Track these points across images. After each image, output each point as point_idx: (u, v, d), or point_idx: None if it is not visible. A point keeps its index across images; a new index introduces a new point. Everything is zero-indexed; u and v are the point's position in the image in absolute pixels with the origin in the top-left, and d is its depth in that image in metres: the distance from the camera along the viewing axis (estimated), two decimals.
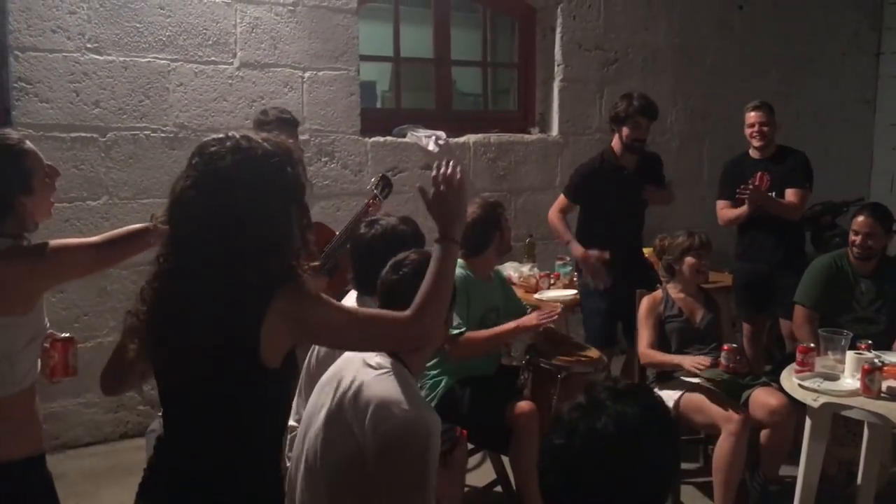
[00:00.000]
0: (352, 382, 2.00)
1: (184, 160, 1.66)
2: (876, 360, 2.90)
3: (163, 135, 4.22)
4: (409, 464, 1.90)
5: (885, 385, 2.82)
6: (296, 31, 4.54)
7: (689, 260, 3.67)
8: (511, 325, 3.31)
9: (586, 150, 5.37)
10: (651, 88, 5.77)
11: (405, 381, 2.00)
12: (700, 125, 6.04)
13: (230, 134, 1.60)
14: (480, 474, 3.65)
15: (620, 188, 4.17)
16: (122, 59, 4.09)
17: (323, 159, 4.67)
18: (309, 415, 2.11)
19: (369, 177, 4.73)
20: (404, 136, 4.98)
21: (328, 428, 1.99)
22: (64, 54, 3.96)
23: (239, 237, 1.53)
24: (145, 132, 4.18)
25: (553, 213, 4.29)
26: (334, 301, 1.66)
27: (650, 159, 4.35)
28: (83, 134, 4.03)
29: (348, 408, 1.96)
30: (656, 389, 3.61)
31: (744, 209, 4.26)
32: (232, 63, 4.38)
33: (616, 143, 4.21)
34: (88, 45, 4.01)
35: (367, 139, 4.82)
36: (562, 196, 4.31)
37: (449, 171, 1.80)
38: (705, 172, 5.97)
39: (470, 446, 3.25)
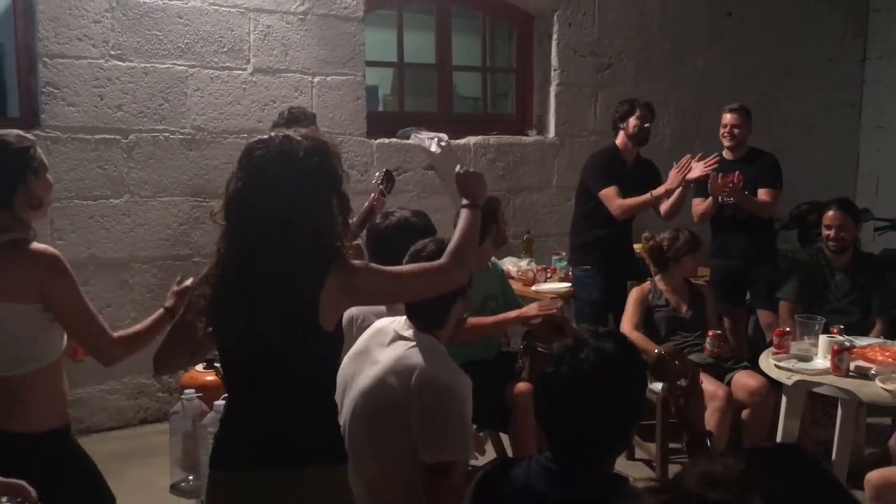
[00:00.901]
0: (392, 353, 2.25)
1: (201, 160, 1.92)
2: (845, 342, 3.15)
3: (181, 136, 4.47)
4: (450, 424, 2.15)
5: (853, 365, 3.07)
6: (305, 39, 4.79)
7: (689, 260, 3.92)
8: (513, 313, 3.57)
9: (582, 151, 5.61)
10: (644, 92, 6.01)
11: (439, 350, 2.27)
12: (691, 127, 6.28)
13: (273, 135, 1.83)
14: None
15: (623, 180, 4.42)
16: (143, 65, 4.35)
17: None
18: (345, 378, 2.34)
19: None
20: (408, 137, 5.23)
21: (369, 395, 2.22)
22: (89, 61, 4.21)
23: (288, 227, 1.76)
24: (164, 134, 4.43)
25: (619, 203, 4.33)
26: (378, 266, 1.92)
27: (646, 162, 4.62)
28: (106, 136, 4.28)
29: (392, 375, 2.21)
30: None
31: (710, 202, 4.50)
32: (246, 69, 4.63)
33: (620, 139, 4.48)
34: (112, 53, 4.26)
35: (372, 141, 5.08)
36: (609, 190, 4.35)
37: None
38: None
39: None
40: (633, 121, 4.38)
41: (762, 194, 4.51)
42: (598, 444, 1.58)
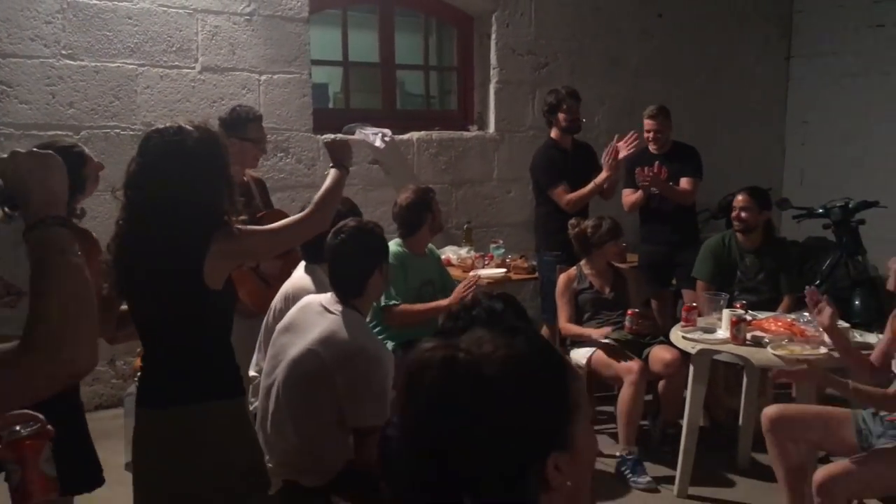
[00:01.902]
0: (319, 325, 2.51)
1: None
2: (746, 316, 3.48)
3: (131, 133, 4.65)
4: (375, 391, 2.41)
5: (749, 335, 3.39)
6: (252, 38, 5.00)
7: (612, 246, 4.23)
8: (445, 302, 3.85)
9: (521, 146, 5.92)
10: (579, 90, 6.31)
11: (362, 323, 2.54)
12: (625, 123, 6.55)
13: (168, 126, 2.09)
14: None
15: (568, 167, 4.79)
16: (93, 64, 4.53)
17: (279, 154, 5.14)
18: (274, 355, 2.60)
19: (321, 170, 5.22)
20: (353, 133, 5.46)
21: (298, 365, 2.48)
22: (41, 60, 4.38)
23: (176, 205, 2.02)
24: (115, 130, 4.62)
25: (568, 197, 4.71)
26: (254, 227, 2.21)
27: (583, 146, 4.96)
28: (59, 132, 4.44)
29: (319, 345, 2.46)
30: (571, 351, 4.18)
31: (640, 194, 4.84)
32: (194, 67, 4.83)
33: (555, 132, 4.84)
34: (63, 52, 4.44)
35: (318, 136, 5.30)
36: (559, 189, 4.75)
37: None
38: None
39: None
40: (561, 115, 4.71)
41: (683, 183, 4.85)
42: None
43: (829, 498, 2.65)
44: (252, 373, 3.01)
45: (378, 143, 5.43)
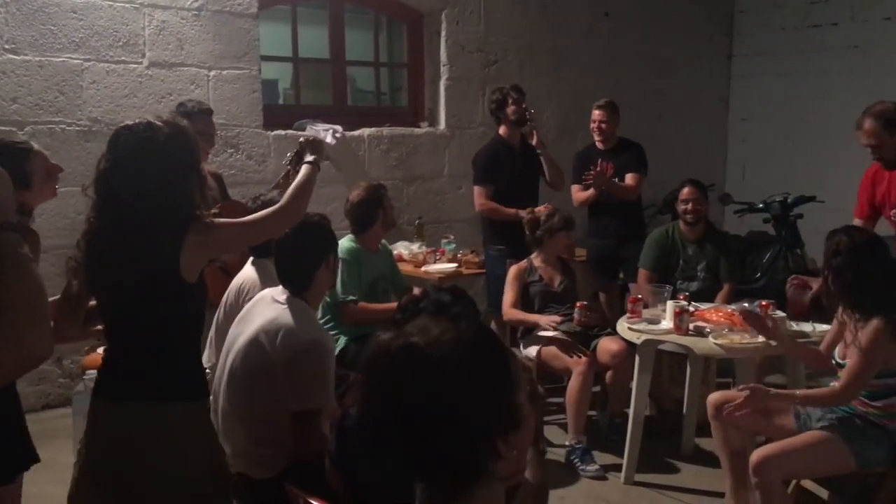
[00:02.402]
0: (265, 315, 2.54)
1: (98, 151, 2.17)
2: (688, 307, 3.59)
3: (77, 128, 4.59)
4: (315, 375, 2.44)
5: (692, 325, 3.51)
6: (201, 34, 4.97)
7: (561, 237, 4.31)
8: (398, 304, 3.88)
9: (471, 142, 5.98)
10: (528, 87, 6.38)
11: (308, 312, 2.57)
12: (573, 120, 6.71)
13: (138, 122, 2.09)
14: None
15: (514, 162, 4.86)
16: (37, 58, 4.45)
17: (228, 150, 5.12)
18: (230, 342, 2.62)
19: (272, 167, 5.22)
20: (304, 129, 5.46)
21: (244, 353, 2.51)
22: None
23: (149, 200, 2.03)
24: (61, 126, 4.55)
25: (483, 203, 4.86)
26: (228, 220, 2.19)
27: (531, 147, 5.02)
28: (2, 128, 4.36)
29: (263, 334, 2.50)
30: (521, 345, 4.26)
31: (591, 192, 4.95)
32: (141, 62, 4.78)
33: (503, 129, 4.93)
34: (6, 46, 4.35)
35: (269, 132, 5.30)
36: (480, 188, 4.90)
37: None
38: None
39: None
40: (510, 108, 4.78)
41: (628, 179, 4.97)
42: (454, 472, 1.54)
43: (765, 477, 2.76)
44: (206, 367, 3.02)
45: (329, 139, 5.43)
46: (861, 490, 2.91)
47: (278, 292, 2.62)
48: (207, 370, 2.98)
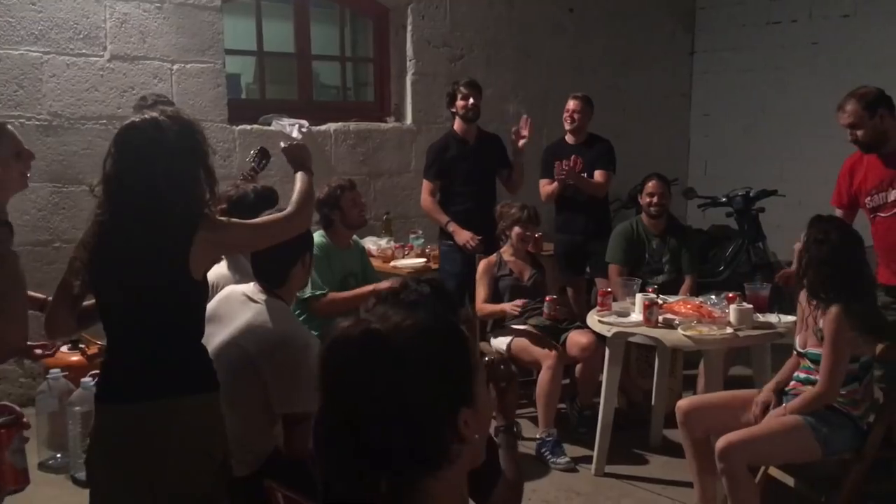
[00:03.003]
0: (243, 315, 2.49)
1: (58, 146, 2.16)
2: (656, 299, 3.63)
3: (37, 122, 4.49)
4: (302, 379, 2.39)
5: (661, 317, 3.55)
6: (163, 27, 4.89)
7: (516, 230, 4.33)
8: (368, 288, 3.87)
9: (437, 137, 5.92)
10: (494, 82, 6.46)
11: (287, 312, 2.54)
12: (539, 116, 6.69)
13: (143, 119, 2.07)
14: None
15: (468, 158, 4.83)
16: None
17: None
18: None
19: (238, 162, 5.15)
20: (269, 124, 5.41)
21: (224, 356, 2.42)
22: None
23: (160, 199, 2.03)
24: (20, 120, 4.44)
25: (425, 201, 4.88)
26: (239, 221, 2.24)
27: (491, 137, 5.02)
28: None
29: (243, 335, 2.44)
30: (492, 338, 4.28)
31: (555, 185, 4.98)
32: (103, 55, 4.69)
33: (457, 123, 4.90)
34: None
35: (234, 127, 5.23)
36: (425, 182, 4.90)
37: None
38: None
39: None
40: (459, 102, 4.77)
41: (597, 175, 5.01)
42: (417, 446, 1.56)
43: (730, 464, 2.80)
44: None
45: (295, 133, 5.40)
46: (827, 477, 2.97)
47: (252, 289, 2.58)
48: None
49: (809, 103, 7.04)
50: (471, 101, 4.79)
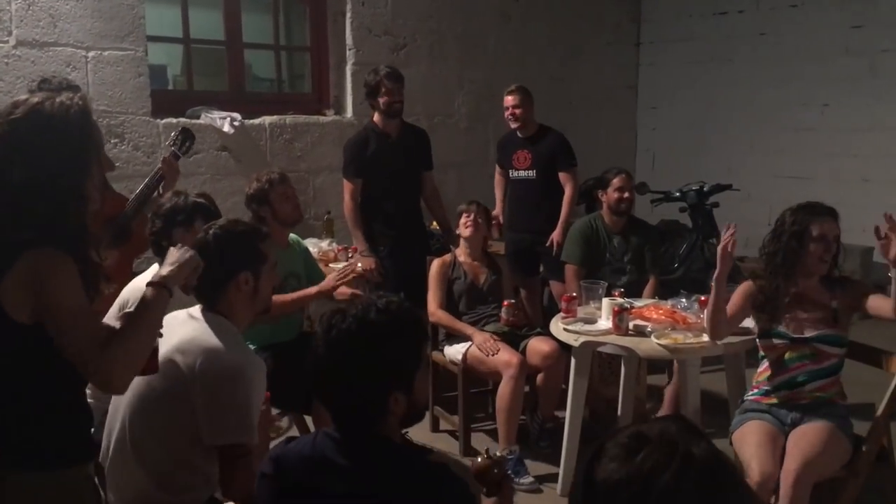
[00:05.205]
0: (180, 333, 2.13)
1: None
2: (625, 304, 3.37)
3: None
4: (235, 406, 2.07)
5: (631, 324, 3.29)
6: (76, 10, 4.42)
7: (462, 218, 4.05)
8: (313, 289, 3.55)
9: None
10: (438, 73, 6.15)
11: (230, 331, 2.17)
12: (485, 107, 6.45)
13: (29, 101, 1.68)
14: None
15: (390, 154, 4.43)
16: None
17: (113, 140, 4.59)
18: None
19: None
20: (198, 117, 4.99)
21: (155, 375, 2.05)
22: None
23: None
24: None
25: (347, 204, 4.44)
26: (71, 288, 1.65)
27: (416, 131, 4.65)
28: None
29: (175, 353, 2.09)
30: (446, 346, 3.97)
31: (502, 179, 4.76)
32: (7, 41, 4.21)
33: (376, 116, 4.48)
34: None
35: (158, 121, 4.79)
36: (346, 182, 4.48)
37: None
38: (491, 151, 6.41)
39: (275, 410, 3.41)
40: (382, 98, 4.39)
41: (563, 178, 4.75)
42: (364, 407, 1.60)
43: (801, 489, 2.60)
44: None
45: (226, 128, 4.99)
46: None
47: (195, 309, 2.23)
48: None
49: (758, 95, 6.94)
50: (395, 95, 4.37)
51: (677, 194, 5.96)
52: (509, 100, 4.79)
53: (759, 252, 3.02)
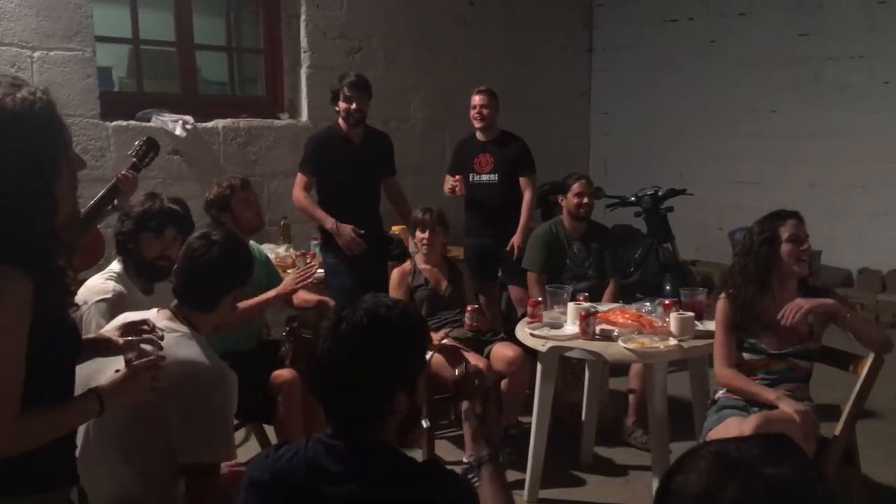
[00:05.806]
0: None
1: None
2: (591, 308, 3.37)
3: None
4: (214, 421, 2.01)
5: (598, 328, 3.28)
6: (21, 8, 4.27)
7: (417, 234, 3.99)
8: (272, 292, 3.45)
9: None
10: (394, 77, 6.10)
11: (202, 343, 2.10)
12: (441, 112, 6.44)
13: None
14: (246, 451, 3.70)
15: (350, 159, 4.35)
16: None
17: None
18: (83, 386, 2.08)
19: (112, 162, 4.58)
20: (149, 120, 4.85)
21: None
22: None
23: None
24: None
25: (297, 194, 4.40)
26: (20, 321, 1.51)
27: (379, 136, 4.57)
28: None
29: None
30: None
31: (459, 182, 4.71)
32: None
33: (340, 120, 4.40)
34: None
35: (108, 123, 4.65)
36: (300, 175, 4.42)
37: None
38: (447, 156, 6.37)
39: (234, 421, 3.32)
40: (342, 104, 4.31)
41: (523, 184, 4.75)
42: (368, 405, 1.55)
43: None
44: None
45: (178, 131, 4.87)
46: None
47: (158, 317, 2.14)
48: None
49: (707, 101, 7.06)
50: (353, 105, 4.25)
51: (633, 199, 6.01)
52: (477, 99, 4.76)
53: (727, 276, 2.98)
